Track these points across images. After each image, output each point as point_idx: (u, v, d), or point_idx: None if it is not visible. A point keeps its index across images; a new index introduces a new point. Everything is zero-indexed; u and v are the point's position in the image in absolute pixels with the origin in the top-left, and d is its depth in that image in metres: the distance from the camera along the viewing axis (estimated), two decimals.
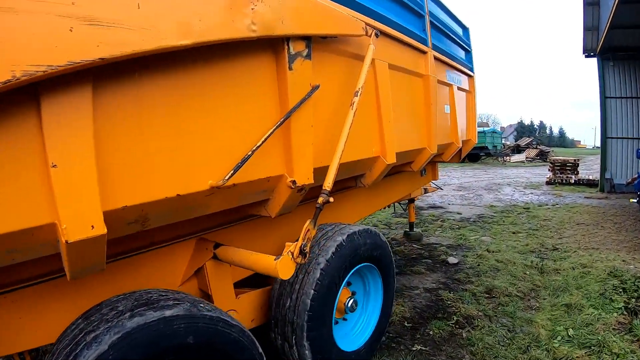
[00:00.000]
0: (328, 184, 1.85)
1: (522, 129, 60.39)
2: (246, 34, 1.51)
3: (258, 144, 1.66)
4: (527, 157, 24.27)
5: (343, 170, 2.12)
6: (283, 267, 1.75)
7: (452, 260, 4.92)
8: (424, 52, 3.28)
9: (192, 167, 1.49)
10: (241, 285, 2.36)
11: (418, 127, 3.28)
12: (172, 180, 1.43)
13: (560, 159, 14.84)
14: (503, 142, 30.72)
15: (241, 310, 2.23)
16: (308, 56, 1.85)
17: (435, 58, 3.51)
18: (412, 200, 5.96)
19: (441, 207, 9.01)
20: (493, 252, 5.31)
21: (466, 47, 4.84)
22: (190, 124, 1.47)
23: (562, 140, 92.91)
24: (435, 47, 3.49)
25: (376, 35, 2.25)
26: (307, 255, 1.81)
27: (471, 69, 4.99)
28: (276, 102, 1.80)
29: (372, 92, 2.50)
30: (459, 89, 4.48)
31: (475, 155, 24.60)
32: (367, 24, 2.20)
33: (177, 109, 1.42)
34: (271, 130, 1.69)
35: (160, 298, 1.50)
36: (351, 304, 2.43)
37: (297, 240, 1.78)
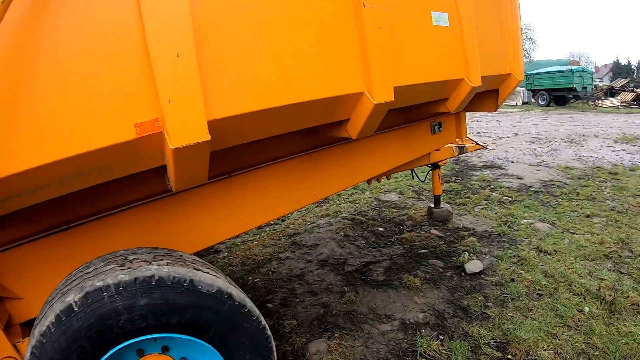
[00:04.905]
0: None
1: (619, 70, 49.16)
2: None
3: None
4: (621, 102, 19.41)
5: None
6: None
7: (472, 267, 3.02)
8: None
9: None
10: None
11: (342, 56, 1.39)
12: None
13: None
14: (596, 83, 25.11)
15: None
16: None
17: None
18: (435, 166, 4.05)
19: (499, 167, 6.70)
20: (544, 253, 3.24)
21: None
22: None
23: None
24: None
25: None
26: None
27: None
28: None
29: None
30: None
31: (563, 97, 20.96)
32: None
33: None
34: None
35: None
36: None
37: None
